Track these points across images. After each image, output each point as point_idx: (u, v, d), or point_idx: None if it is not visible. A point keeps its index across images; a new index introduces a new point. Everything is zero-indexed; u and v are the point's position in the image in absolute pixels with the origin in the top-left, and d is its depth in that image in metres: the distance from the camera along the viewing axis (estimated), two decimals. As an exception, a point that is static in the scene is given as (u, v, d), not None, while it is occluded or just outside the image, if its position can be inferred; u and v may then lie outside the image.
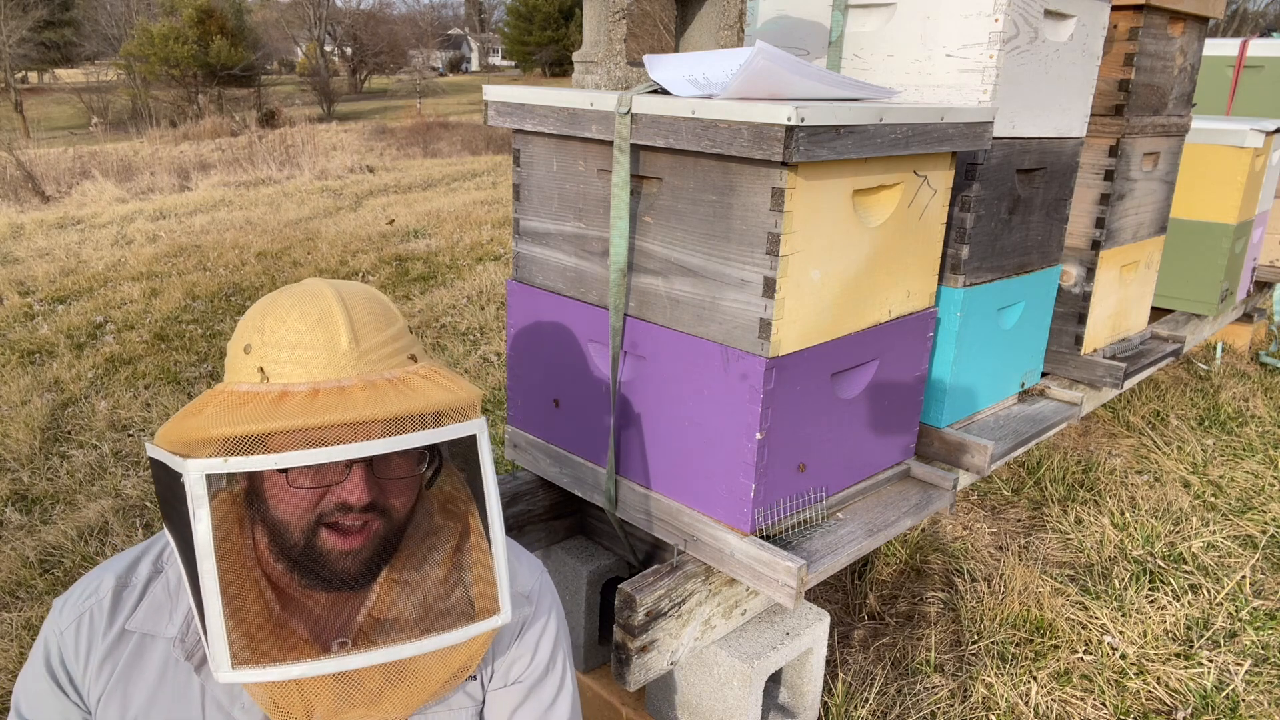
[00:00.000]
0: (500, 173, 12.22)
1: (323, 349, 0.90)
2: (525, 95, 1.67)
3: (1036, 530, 2.72)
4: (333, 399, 0.87)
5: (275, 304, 0.95)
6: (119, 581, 1.03)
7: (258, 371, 0.91)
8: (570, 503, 1.95)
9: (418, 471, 0.98)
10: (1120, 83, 2.29)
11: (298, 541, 0.93)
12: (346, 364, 0.91)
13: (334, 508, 0.92)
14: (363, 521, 0.93)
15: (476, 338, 4.60)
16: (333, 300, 0.94)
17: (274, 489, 0.93)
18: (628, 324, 1.62)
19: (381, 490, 0.94)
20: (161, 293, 5.51)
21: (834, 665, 2.09)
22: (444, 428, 0.91)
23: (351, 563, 0.94)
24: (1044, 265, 2.18)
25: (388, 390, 0.90)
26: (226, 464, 0.85)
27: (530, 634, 1.13)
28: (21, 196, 11.33)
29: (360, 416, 0.86)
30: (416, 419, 0.89)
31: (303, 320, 0.92)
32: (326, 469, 0.91)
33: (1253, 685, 2.06)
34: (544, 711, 1.13)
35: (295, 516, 0.92)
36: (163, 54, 29.56)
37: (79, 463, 3.22)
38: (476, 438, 0.95)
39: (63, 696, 1.01)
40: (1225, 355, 4.14)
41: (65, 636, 1.01)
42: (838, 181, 1.45)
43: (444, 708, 1.07)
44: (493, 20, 66.38)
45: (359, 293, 0.98)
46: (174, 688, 0.99)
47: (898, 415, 1.78)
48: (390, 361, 0.94)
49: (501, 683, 1.11)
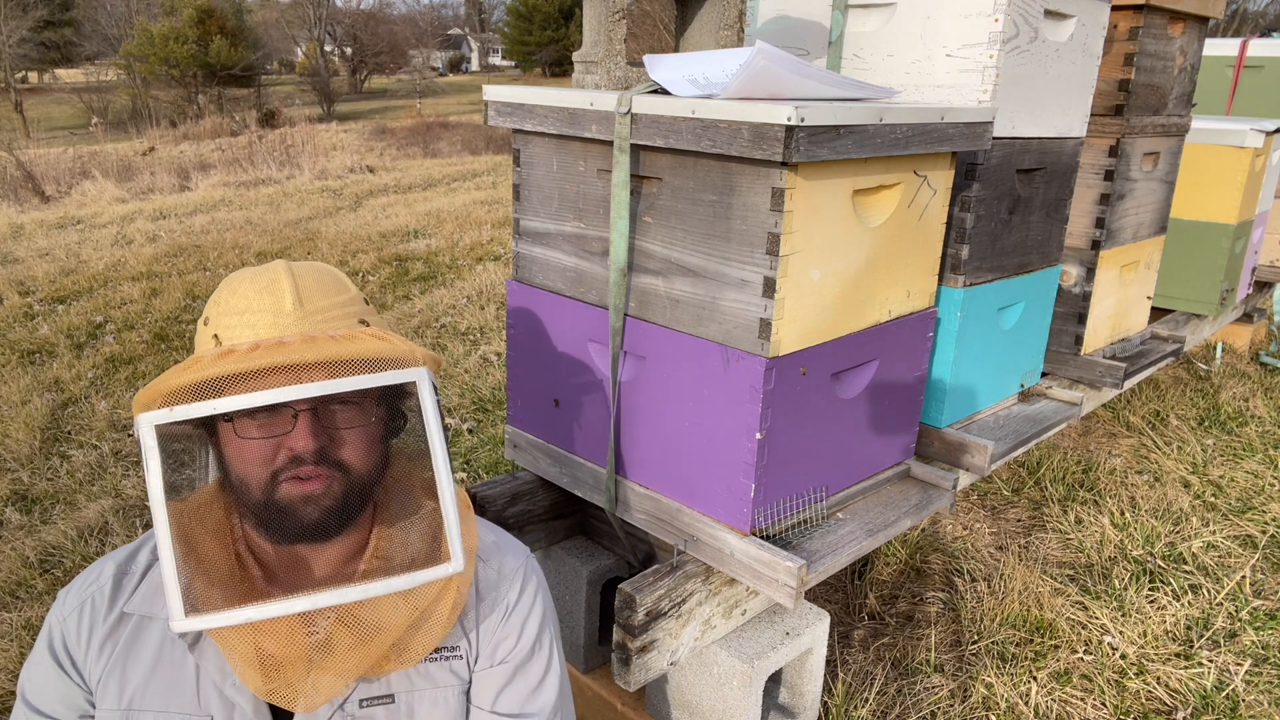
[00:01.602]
0: (500, 173, 12.22)
1: (269, 311, 0.96)
2: (525, 95, 1.67)
3: (1036, 530, 2.73)
4: (271, 350, 0.92)
5: (231, 279, 1.02)
6: (119, 569, 1.08)
7: (213, 339, 0.97)
8: (570, 503, 1.95)
9: (365, 423, 1.00)
10: (1120, 83, 2.29)
11: (259, 498, 0.97)
12: (290, 323, 0.96)
13: (287, 461, 0.96)
14: (317, 474, 0.97)
15: (476, 338, 4.60)
16: (281, 270, 1.00)
17: (231, 446, 0.97)
18: (628, 324, 1.62)
19: (332, 440, 0.98)
20: (161, 293, 5.51)
21: (834, 665, 2.09)
22: (379, 375, 0.94)
23: (314, 509, 0.97)
24: (1044, 265, 2.18)
25: (326, 343, 0.94)
26: (172, 413, 0.90)
27: (516, 615, 1.14)
28: (21, 196, 11.33)
29: (290, 360, 0.90)
30: (352, 364, 0.93)
31: (252, 288, 0.98)
32: (275, 421, 0.95)
33: (1253, 685, 2.06)
34: (530, 692, 1.14)
35: (252, 471, 0.96)
36: (163, 54, 29.55)
37: (79, 463, 3.22)
38: (417, 384, 0.98)
39: (66, 679, 1.04)
40: (1225, 355, 4.14)
41: (68, 621, 1.05)
42: (838, 181, 1.45)
43: (429, 684, 1.07)
44: (493, 20, 66.40)
45: (312, 267, 1.04)
46: (170, 667, 1.03)
47: (898, 415, 1.78)
48: (337, 323, 0.99)
49: (488, 663, 1.12)
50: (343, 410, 0.98)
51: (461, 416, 3.57)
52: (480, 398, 3.76)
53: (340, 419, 0.98)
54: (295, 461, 0.96)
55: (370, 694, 1.04)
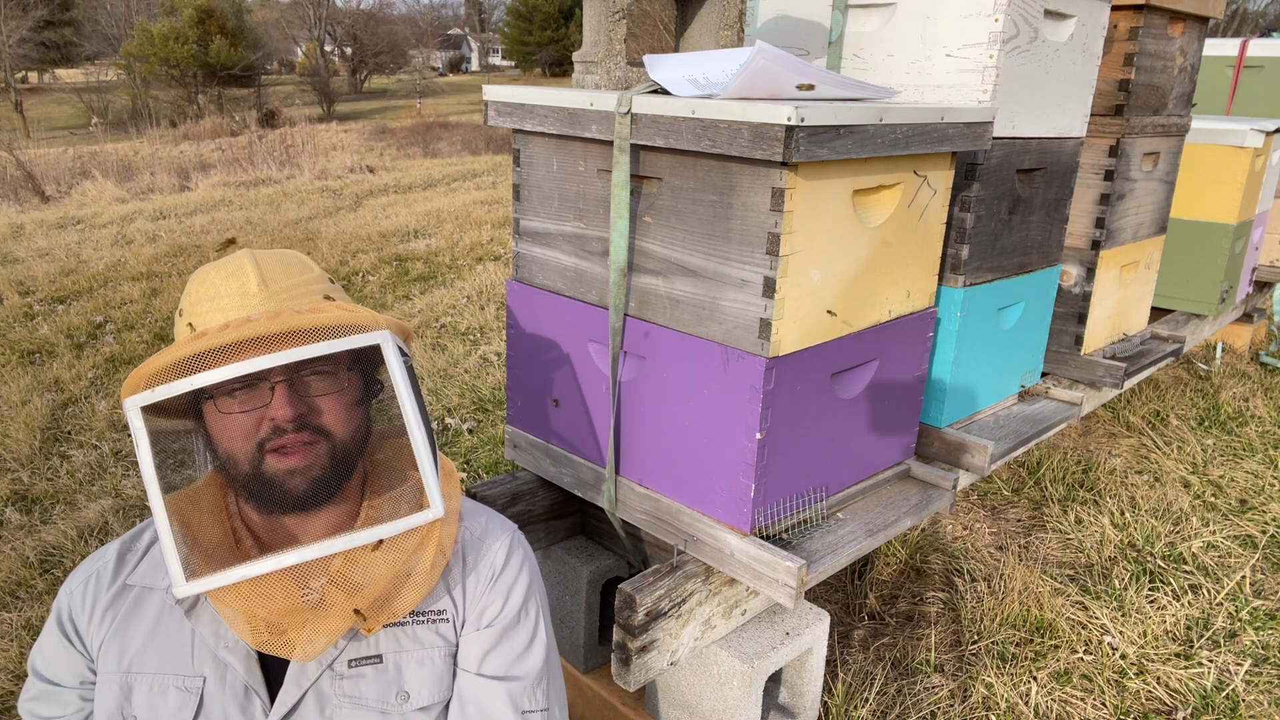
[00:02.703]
0: (500, 173, 12.22)
1: (235, 294, 1.02)
2: (525, 95, 1.67)
3: (1036, 530, 2.73)
4: (240, 328, 0.97)
5: (200, 272, 1.07)
6: (123, 546, 1.15)
7: (187, 327, 1.02)
8: (570, 503, 1.95)
9: (340, 389, 1.05)
10: (1120, 83, 2.29)
11: (247, 471, 1.02)
12: (257, 303, 1.01)
13: (270, 432, 1.00)
14: (300, 442, 1.01)
15: (476, 338, 4.60)
16: (245, 257, 1.05)
17: (214, 424, 1.02)
18: (628, 324, 1.62)
19: (311, 408, 1.03)
20: (161, 293, 5.51)
21: (834, 665, 2.09)
22: (343, 339, 0.99)
23: (300, 480, 1.02)
24: (1044, 265, 2.18)
25: (291, 316, 0.99)
26: (154, 393, 0.96)
27: (503, 581, 1.17)
28: (21, 196, 11.33)
29: (258, 333, 0.95)
30: (318, 332, 0.98)
31: (219, 275, 1.04)
32: (254, 395, 1.00)
33: (1253, 685, 2.06)
34: (517, 656, 1.16)
35: (237, 445, 1.01)
36: (163, 54, 29.54)
37: (79, 463, 3.22)
38: (381, 347, 1.03)
39: (70, 648, 1.11)
40: (1225, 355, 4.14)
41: (74, 595, 1.12)
42: (838, 181, 1.45)
43: (416, 645, 1.11)
44: (493, 20, 66.38)
45: (276, 252, 1.09)
46: (167, 632, 1.08)
47: (898, 415, 1.78)
48: (301, 300, 1.04)
49: (474, 626, 1.14)
50: (317, 380, 1.04)
51: (461, 416, 3.57)
52: (480, 398, 3.76)
53: (315, 387, 1.04)
54: (277, 431, 1.00)
55: (359, 654, 1.08)
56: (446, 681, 1.12)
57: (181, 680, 1.06)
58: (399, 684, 1.09)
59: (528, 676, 1.15)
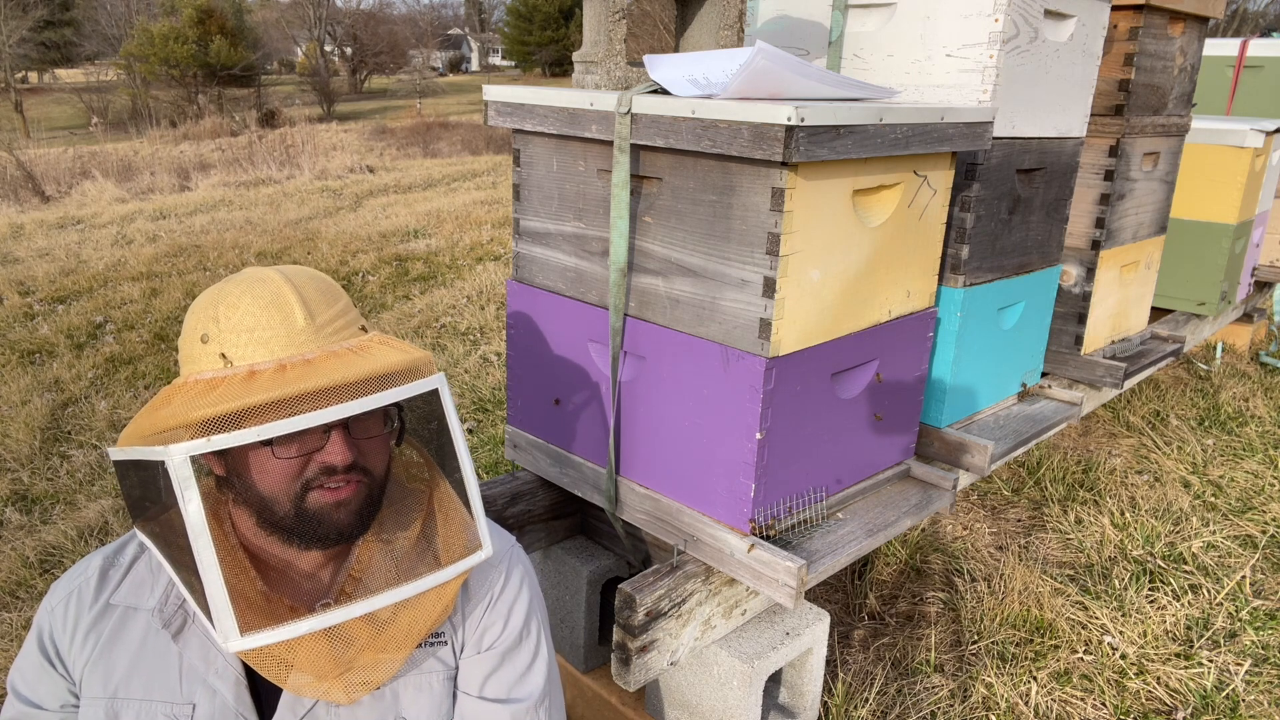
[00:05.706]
0: (500, 173, 12.21)
1: (280, 328, 0.96)
2: (525, 95, 1.67)
3: (1036, 530, 2.72)
4: (300, 371, 0.93)
5: (224, 293, 1.00)
6: (106, 561, 1.10)
7: (220, 358, 0.96)
8: (570, 503, 1.95)
9: (386, 431, 1.04)
10: (1120, 83, 2.29)
11: (288, 510, 0.98)
12: (305, 339, 0.97)
13: (319, 472, 0.98)
14: (347, 480, 1.00)
15: (476, 338, 4.60)
16: (281, 282, 0.99)
17: (258, 465, 0.97)
18: (628, 324, 1.62)
19: (360, 451, 1.01)
20: (161, 293, 5.51)
21: (834, 665, 2.09)
22: (410, 384, 0.98)
23: (344, 514, 1.00)
24: (1044, 265, 2.18)
25: (351, 357, 0.96)
26: (210, 443, 0.89)
27: (502, 602, 1.15)
28: (21, 196, 11.32)
29: (332, 382, 0.92)
30: (380, 380, 0.96)
31: (256, 304, 0.97)
32: (307, 437, 0.97)
33: (1253, 685, 2.06)
34: (518, 679, 1.14)
35: (282, 487, 0.98)
36: (163, 54, 29.53)
37: (79, 463, 3.22)
38: (439, 391, 1.03)
39: (51, 670, 1.06)
40: (1225, 355, 4.14)
41: (55, 613, 1.07)
42: (838, 181, 1.45)
43: (416, 671, 1.09)
44: (493, 20, 66.39)
45: (302, 273, 1.04)
46: (153, 656, 1.04)
47: (898, 415, 1.78)
48: (345, 333, 1.01)
49: (475, 650, 1.13)
50: (369, 421, 1.02)
51: (462, 417, 3.57)
52: (480, 398, 3.76)
53: (365, 429, 1.02)
54: (327, 471, 0.98)
55: None
56: (445, 707, 1.10)
57: (170, 708, 1.02)
58: (396, 710, 1.06)
59: (530, 698, 1.14)
